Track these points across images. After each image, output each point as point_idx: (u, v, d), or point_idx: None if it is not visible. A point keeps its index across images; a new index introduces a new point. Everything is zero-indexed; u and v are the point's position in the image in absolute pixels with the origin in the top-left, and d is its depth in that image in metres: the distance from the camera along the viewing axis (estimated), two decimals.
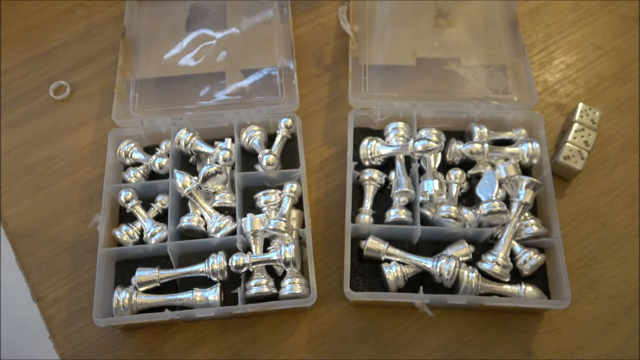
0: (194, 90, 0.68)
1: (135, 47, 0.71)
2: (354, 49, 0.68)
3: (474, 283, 0.53)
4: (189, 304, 0.54)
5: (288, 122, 0.63)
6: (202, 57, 0.70)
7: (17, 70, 0.73)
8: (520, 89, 0.66)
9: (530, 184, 0.55)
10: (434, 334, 0.56)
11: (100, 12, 0.78)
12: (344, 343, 0.56)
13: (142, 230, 0.59)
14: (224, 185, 0.60)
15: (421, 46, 0.70)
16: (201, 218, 0.58)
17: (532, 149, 0.60)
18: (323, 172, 0.66)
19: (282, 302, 0.53)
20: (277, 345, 0.56)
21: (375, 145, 0.61)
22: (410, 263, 0.55)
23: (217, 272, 0.54)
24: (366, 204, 0.60)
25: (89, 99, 0.71)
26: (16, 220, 0.64)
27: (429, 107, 0.63)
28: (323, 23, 0.76)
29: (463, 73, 0.68)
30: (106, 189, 0.60)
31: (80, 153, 0.68)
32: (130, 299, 0.53)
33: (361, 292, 0.56)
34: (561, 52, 0.73)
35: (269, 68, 0.69)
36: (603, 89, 0.70)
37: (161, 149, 0.64)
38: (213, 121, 0.64)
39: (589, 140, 0.63)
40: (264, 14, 0.73)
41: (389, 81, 0.67)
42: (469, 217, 0.57)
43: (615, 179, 0.64)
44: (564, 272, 0.53)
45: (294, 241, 0.54)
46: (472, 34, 0.71)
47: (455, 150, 0.61)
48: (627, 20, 0.75)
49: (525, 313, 0.56)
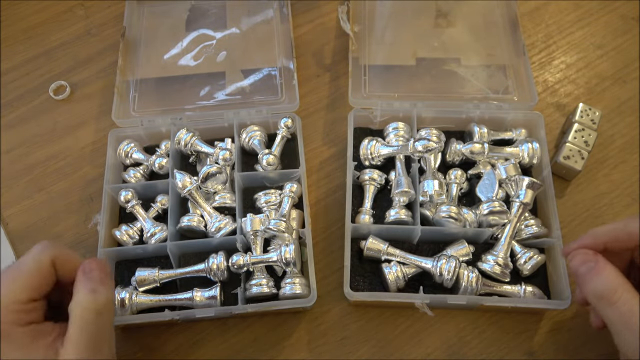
0: (194, 90, 0.68)
1: (135, 47, 0.71)
2: (354, 49, 0.68)
3: (474, 283, 0.53)
4: (189, 304, 0.54)
5: (288, 122, 0.63)
6: (202, 57, 0.70)
7: (17, 70, 0.73)
8: (520, 89, 0.66)
9: (530, 184, 0.55)
10: (434, 334, 0.56)
11: (100, 12, 0.78)
12: (344, 343, 0.56)
13: (142, 230, 0.59)
14: (224, 185, 0.60)
15: (421, 46, 0.70)
16: (201, 218, 0.58)
17: (532, 149, 0.60)
18: (323, 172, 0.66)
19: (282, 302, 0.53)
20: (277, 345, 0.56)
21: (375, 145, 0.61)
22: (410, 263, 0.55)
23: (217, 272, 0.54)
24: (366, 204, 0.60)
25: (89, 99, 0.71)
26: (16, 220, 0.64)
27: (429, 107, 0.63)
28: (323, 23, 0.76)
29: (463, 73, 0.68)
30: (106, 189, 0.60)
31: (80, 153, 0.68)
32: (130, 299, 0.53)
33: (361, 292, 0.56)
34: (561, 52, 0.73)
35: (269, 68, 0.69)
36: (603, 89, 0.70)
37: (161, 149, 0.64)
38: (213, 121, 0.64)
39: (589, 140, 0.63)
40: (264, 14, 0.73)
41: (389, 81, 0.67)
42: (469, 217, 0.57)
43: (615, 179, 0.64)
44: (564, 272, 0.53)
45: (294, 241, 0.54)
46: (472, 34, 0.71)
47: (455, 150, 0.61)
48: (627, 20, 0.75)
49: (525, 313, 0.56)
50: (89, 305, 0.42)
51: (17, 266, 0.44)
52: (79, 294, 0.43)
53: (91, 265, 0.44)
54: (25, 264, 0.43)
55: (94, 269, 0.44)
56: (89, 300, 0.42)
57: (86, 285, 0.43)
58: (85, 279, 0.43)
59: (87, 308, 0.42)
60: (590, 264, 0.43)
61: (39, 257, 0.44)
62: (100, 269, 0.45)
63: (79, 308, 0.42)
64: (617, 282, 0.42)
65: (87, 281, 0.43)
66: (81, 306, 0.42)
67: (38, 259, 0.44)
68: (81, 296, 0.43)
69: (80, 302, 0.42)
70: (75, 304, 0.43)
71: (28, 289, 0.43)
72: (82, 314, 0.42)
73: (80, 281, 0.43)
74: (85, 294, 0.43)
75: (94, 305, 0.43)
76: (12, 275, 0.43)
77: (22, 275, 0.43)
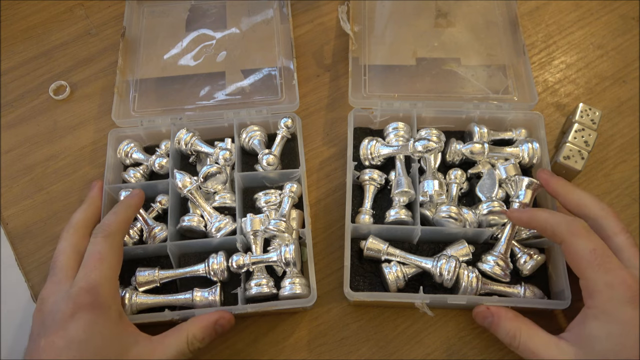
0: (194, 90, 0.68)
1: (135, 47, 0.71)
2: (354, 49, 0.68)
3: (474, 283, 0.53)
4: (188, 304, 0.54)
5: (288, 122, 0.63)
6: (202, 57, 0.70)
7: (17, 70, 0.73)
8: (520, 89, 0.66)
9: (530, 184, 0.55)
10: (434, 334, 0.56)
11: (100, 12, 0.78)
12: (344, 343, 0.56)
13: (142, 230, 0.59)
14: (224, 185, 0.60)
15: (421, 46, 0.70)
16: (201, 218, 0.58)
17: (532, 149, 0.60)
18: (323, 172, 0.66)
19: (282, 302, 0.53)
20: (277, 345, 0.56)
21: (375, 145, 0.61)
22: (410, 263, 0.55)
23: (217, 272, 0.54)
24: (366, 204, 0.60)
25: (89, 99, 0.71)
26: (16, 220, 0.64)
27: (429, 107, 0.63)
28: (323, 23, 0.76)
29: (463, 73, 0.68)
30: (106, 189, 0.60)
31: (80, 153, 0.68)
32: (130, 299, 0.53)
33: (361, 292, 0.56)
34: (561, 52, 0.73)
35: (269, 68, 0.69)
36: (603, 89, 0.70)
37: (161, 149, 0.64)
38: (213, 121, 0.64)
39: (589, 140, 0.63)
40: (264, 14, 0.73)
41: (389, 81, 0.67)
42: (469, 217, 0.57)
43: (615, 179, 0.64)
44: (564, 272, 0.53)
45: (294, 241, 0.54)
46: (472, 34, 0.71)
47: (455, 150, 0.61)
48: (627, 20, 0.75)
49: (525, 313, 0.56)
50: (194, 344, 0.50)
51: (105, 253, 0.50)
52: (199, 333, 0.50)
53: (223, 321, 0.51)
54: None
55: (224, 326, 0.51)
56: (194, 345, 0.50)
57: (205, 334, 0.50)
58: (212, 326, 0.51)
59: (192, 344, 0.49)
60: (489, 319, 0.51)
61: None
62: (225, 328, 0.52)
63: (180, 347, 0.49)
64: (513, 329, 0.49)
65: (210, 331, 0.51)
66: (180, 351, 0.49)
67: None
68: (185, 344, 0.49)
69: (182, 347, 0.49)
70: (190, 335, 0.49)
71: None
72: (186, 343, 0.49)
73: (207, 331, 0.50)
74: (200, 336, 0.50)
75: (193, 348, 0.50)
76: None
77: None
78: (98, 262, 0.49)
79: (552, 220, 0.49)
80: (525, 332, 0.49)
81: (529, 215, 0.51)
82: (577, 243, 0.47)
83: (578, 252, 0.47)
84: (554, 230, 0.49)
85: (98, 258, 0.49)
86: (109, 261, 0.50)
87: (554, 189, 0.54)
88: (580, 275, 0.47)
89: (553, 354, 0.46)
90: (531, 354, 0.48)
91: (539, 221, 0.50)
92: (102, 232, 0.51)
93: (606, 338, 0.44)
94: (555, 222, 0.49)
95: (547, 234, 0.50)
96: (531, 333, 0.49)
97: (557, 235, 0.49)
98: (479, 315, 0.52)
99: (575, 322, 0.48)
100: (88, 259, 0.49)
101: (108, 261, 0.49)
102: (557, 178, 0.54)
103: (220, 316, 0.51)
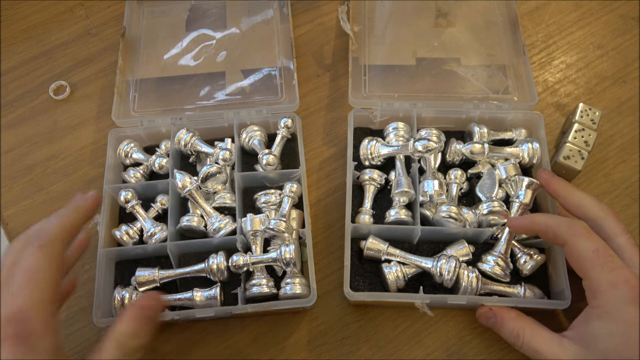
0: (194, 90, 0.68)
1: (135, 47, 0.71)
2: (353, 49, 0.68)
3: (474, 283, 0.53)
4: (188, 304, 0.54)
5: (288, 122, 0.63)
6: (202, 57, 0.70)
7: (17, 70, 0.73)
8: (520, 89, 0.66)
9: (530, 184, 0.55)
10: (434, 334, 0.56)
11: (100, 12, 0.78)
12: (344, 343, 0.56)
13: (142, 230, 0.59)
14: (224, 185, 0.60)
15: (421, 46, 0.70)
16: (201, 218, 0.58)
17: (532, 149, 0.60)
18: (323, 172, 0.66)
19: (282, 302, 0.53)
20: (277, 345, 0.56)
21: (375, 145, 0.61)
22: (410, 263, 0.55)
23: (217, 272, 0.54)
24: (366, 204, 0.60)
25: (89, 99, 0.71)
26: (16, 220, 0.64)
27: (429, 107, 0.63)
28: (323, 23, 0.76)
29: (463, 73, 0.68)
30: (106, 189, 0.60)
31: (80, 153, 0.68)
32: (130, 299, 0.53)
33: (361, 292, 0.56)
34: (561, 52, 0.73)
35: (269, 68, 0.69)
36: (603, 89, 0.70)
37: (161, 149, 0.64)
38: (213, 121, 0.64)
39: (589, 140, 0.63)
40: (264, 14, 0.73)
41: (389, 81, 0.67)
42: (469, 217, 0.57)
43: (615, 179, 0.64)
44: (564, 272, 0.53)
45: (294, 241, 0.54)
46: (472, 34, 0.71)
47: (455, 150, 0.61)
48: (627, 20, 0.75)
49: (526, 313, 0.56)
50: (129, 343, 0.43)
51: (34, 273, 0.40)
52: (127, 328, 0.43)
53: (150, 303, 0.45)
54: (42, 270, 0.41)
55: (152, 307, 0.45)
56: (130, 343, 0.43)
57: (135, 326, 0.43)
58: (139, 314, 0.43)
59: (125, 345, 0.42)
60: (492, 319, 0.52)
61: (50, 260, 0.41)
62: (156, 309, 0.45)
63: (120, 340, 0.42)
64: (517, 328, 0.50)
65: (139, 321, 0.43)
66: (121, 343, 0.42)
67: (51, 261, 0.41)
68: (125, 331, 0.43)
69: (122, 337, 0.42)
70: (119, 335, 0.42)
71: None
72: (119, 346, 0.42)
73: (133, 316, 0.43)
74: (131, 331, 0.43)
75: (131, 347, 0.42)
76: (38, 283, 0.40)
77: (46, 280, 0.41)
78: (26, 283, 0.39)
79: (552, 223, 0.49)
80: (529, 331, 0.49)
81: (528, 221, 0.52)
82: (579, 244, 0.47)
83: (580, 253, 0.47)
84: (555, 232, 0.49)
85: (27, 277, 0.39)
86: (43, 279, 0.39)
87: (554, 190, 0.54)
88: (583, 275, 0.47)
89: (556, 352, 0.47)
90: (534, 353, 0.48)
91: (539, 226, 0.50)
92: (38, 239, 0.41)
93: (609, 337, 0.44)
94: (555, 224, 0.49)
95: (548, 237, 0.50)
96: (534, 332, 0.49)
97: (559, 237, 0.49)
98: (482, 316, 0.53)
99: (578, 321, 0.48)
100: (15, 276, 0.39)
101: (41, 279, 0.39)
102: (557, 179, 0.54)
103: (143, 300, 0.44)
